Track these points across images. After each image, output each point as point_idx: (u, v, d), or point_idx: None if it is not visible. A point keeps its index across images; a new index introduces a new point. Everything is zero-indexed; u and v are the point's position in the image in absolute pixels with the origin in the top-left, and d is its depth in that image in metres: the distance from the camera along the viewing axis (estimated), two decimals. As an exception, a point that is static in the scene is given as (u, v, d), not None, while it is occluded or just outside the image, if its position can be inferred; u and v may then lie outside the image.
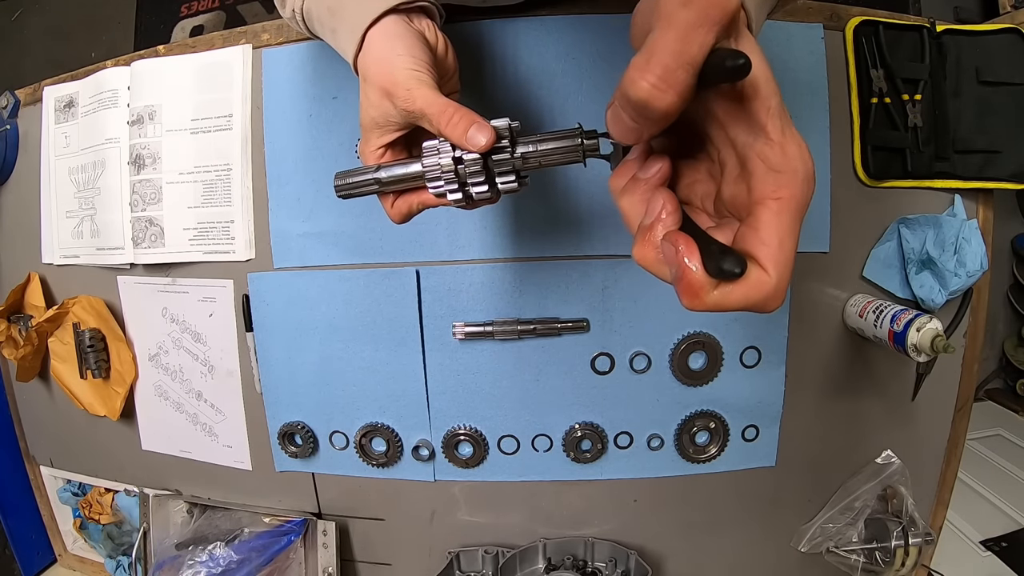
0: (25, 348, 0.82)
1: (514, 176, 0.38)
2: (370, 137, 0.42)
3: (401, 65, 0.39)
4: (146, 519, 0.80)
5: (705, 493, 0.73)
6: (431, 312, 0.69)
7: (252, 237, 0.71)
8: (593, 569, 0.72)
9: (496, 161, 0.38)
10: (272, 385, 0.74)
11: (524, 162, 0.38)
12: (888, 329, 0.61)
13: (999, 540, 1.01)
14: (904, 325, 0.59)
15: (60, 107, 0.80)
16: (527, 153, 0.37)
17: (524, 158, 0.37)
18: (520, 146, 0.37)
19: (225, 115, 0.71)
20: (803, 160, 0.27)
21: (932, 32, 0.67)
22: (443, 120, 0.37)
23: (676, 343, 0.68)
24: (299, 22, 0.49)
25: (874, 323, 0.63)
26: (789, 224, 0.26)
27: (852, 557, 0.70)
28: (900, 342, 0.59)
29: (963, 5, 1.63)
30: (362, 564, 0.80)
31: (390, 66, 0.39)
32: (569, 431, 0.70)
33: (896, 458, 0.72)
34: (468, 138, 0.36)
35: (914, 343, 0.58)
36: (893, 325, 0.60)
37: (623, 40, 0.32)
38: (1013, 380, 1.62)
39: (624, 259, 0.67)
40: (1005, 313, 1.67)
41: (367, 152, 0.42)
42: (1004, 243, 1.63)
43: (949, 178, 0.67)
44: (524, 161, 0.37)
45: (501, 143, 0.37)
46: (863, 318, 0.65)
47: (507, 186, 0.38)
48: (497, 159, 0.37)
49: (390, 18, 0.41)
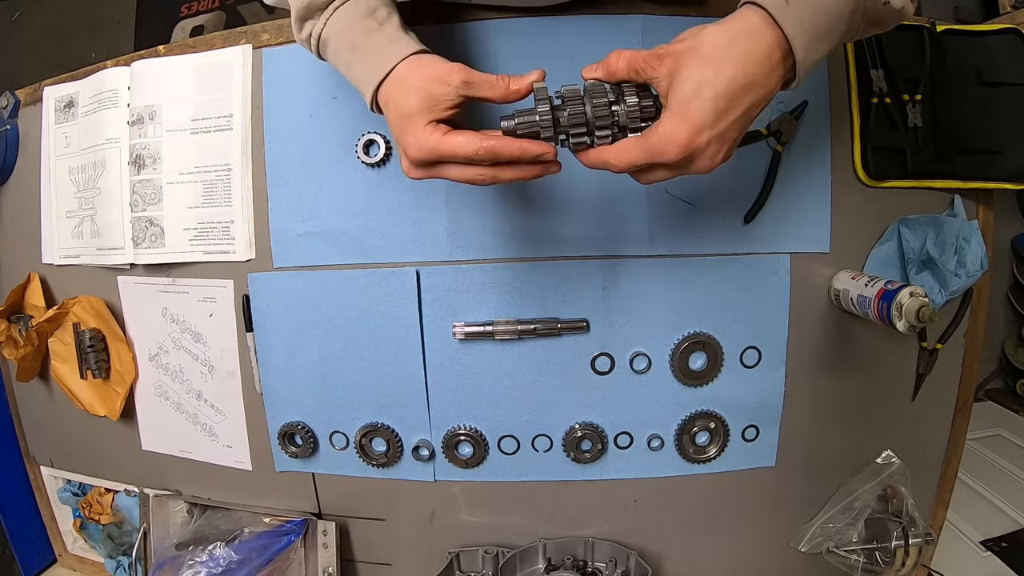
0: (25, 348, 0.82)
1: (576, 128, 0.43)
2: (419, 120, 0.44)
3: (442, 63, 0.45)
4: (146, 519, 0.80)
5: (705, 493, 0.73)
6: (431, 312, 0.69)
7: (252, 237, 0.71)
8: (593, 569, 0.72)
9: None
10: (272, 385, 0.74)
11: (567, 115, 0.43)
12: (880, 287, 0.59)
13: (999, 540, 1.01)
14: (898, 287, 0.57)
15: (60, 107, 0.80)
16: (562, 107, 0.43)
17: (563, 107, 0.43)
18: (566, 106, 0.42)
19: (225, 115, 0.71)
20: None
21: (932, 32, 0.67)
22: (488, 83, 0.44)
23: (676, 343, 0.68)
24: (313, 47, 0.52)
25: (866, 284, 0.61)
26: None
27: (852, 557, 0.70)
28: (888, 299, 0.57)
29: (963, 5, 1.63)
30: (362, 564, 0.80)
31: (433, 65, 0.45)
32: (569, 431, 0.70)
33: (896, 458, 0.72)
34: (511, 88, 0.44)
35: (901, 303, 0.56)
36: (887, 285, 0.59)
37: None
38: (1013, 380, 1.62)
39: (624, 259, 0.67)
40: (1005, 313, 1.67)
41: (422, 133, 0.43)
42: (1004, 243, 1.63)
43: (949, 178, 0.67)
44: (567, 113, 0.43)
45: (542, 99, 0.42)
46: (855, 280, 0.63)
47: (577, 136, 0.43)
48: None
49: (413, 57, 0.46)
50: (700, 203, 0.66)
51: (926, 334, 0.68)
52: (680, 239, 0.66)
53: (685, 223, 0.66)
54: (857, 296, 0.62)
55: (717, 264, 0.67)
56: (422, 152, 0.43)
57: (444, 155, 0.43)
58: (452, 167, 0.44)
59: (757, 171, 0.65)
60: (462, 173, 0.44)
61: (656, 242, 0.66)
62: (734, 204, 0.66)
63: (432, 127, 0.43)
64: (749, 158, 0.65)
